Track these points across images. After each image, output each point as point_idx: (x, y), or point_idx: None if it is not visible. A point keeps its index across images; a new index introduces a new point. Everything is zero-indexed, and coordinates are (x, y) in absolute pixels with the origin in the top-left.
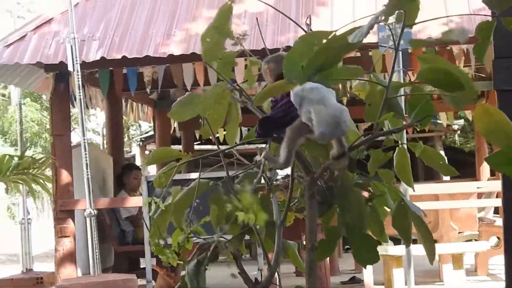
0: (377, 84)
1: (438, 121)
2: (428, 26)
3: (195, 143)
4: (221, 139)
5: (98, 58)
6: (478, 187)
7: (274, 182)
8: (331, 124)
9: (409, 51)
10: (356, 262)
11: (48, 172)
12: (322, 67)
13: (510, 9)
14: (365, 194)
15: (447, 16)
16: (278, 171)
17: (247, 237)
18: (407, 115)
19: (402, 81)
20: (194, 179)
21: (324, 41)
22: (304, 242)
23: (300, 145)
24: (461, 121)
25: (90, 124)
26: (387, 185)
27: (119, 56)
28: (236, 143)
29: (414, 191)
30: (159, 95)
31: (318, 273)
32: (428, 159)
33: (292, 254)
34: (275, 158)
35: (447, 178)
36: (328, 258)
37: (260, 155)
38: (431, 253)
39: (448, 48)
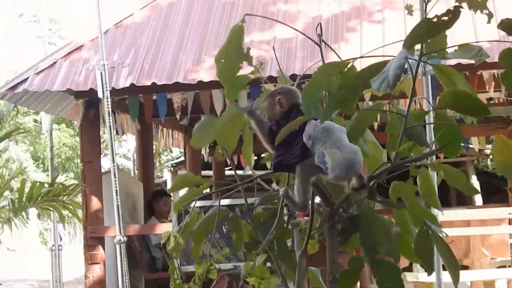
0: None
1: (470, 146)
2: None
3: (226, 168)
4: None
5: (127, 84)
6: (510, 213)
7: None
8: (346, 167)
9: None
10: None
11: (79, 198)
12: (343, 103)
13: None
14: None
15: (476, 42)
16: None
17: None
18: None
19: (430, 108)
20: (221, 206)
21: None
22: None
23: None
24: None
25: (121, 150)
26: (408, 209)
27: (148, 83)
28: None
29: (442, 214)
30: (190, 121)
31: None
32: (450, 178)
33: (314, 280)
34: (294, 200)
35: (480, 203)
36: (358, 284)
37: (277, 183)
38: (455, 278)
39: (479, 73)
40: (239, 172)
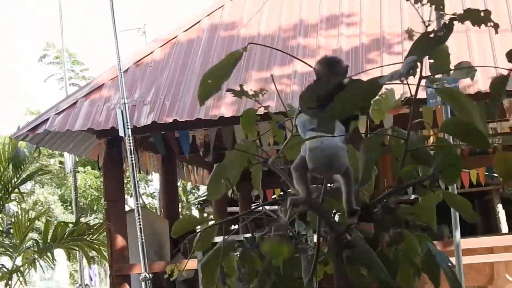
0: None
1: (495, 175)
2: (478, 81)
3: (252, 204)
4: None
5: (149, 122)
6: None
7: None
8: (323, 162)
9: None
10: None
11: (104, 237)
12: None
13: None
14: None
15: (495, 67)
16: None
17: None
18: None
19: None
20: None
21: None
22: None
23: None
24: None
25: (148, 189)
26: (416, 234)
27: (170, 120)
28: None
29: (435, 231)
30: (214, 158)
31: None
32: (453, 204)
33: None
34: (299, 199)
35: (506, 231)
36: None
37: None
38: None
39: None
40: (268, 207)
